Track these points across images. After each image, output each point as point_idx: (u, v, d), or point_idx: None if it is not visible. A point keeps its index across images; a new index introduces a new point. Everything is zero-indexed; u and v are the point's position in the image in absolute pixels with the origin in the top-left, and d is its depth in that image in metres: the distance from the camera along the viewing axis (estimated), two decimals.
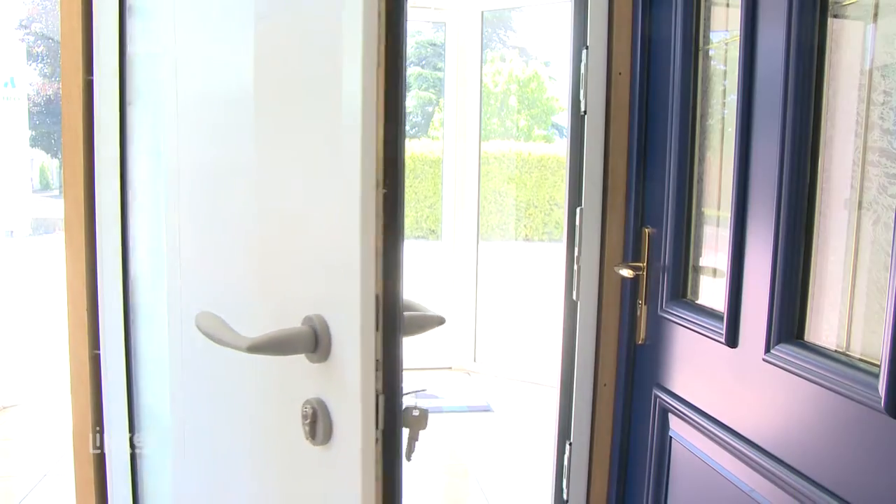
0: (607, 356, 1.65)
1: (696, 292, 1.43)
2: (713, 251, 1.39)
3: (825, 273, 1.07)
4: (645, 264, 1.52)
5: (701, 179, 1.42)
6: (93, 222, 1.57)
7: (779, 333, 1.10)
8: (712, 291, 1.36)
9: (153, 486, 1.72)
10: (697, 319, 1.33)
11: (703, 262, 1.42)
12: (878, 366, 0.88)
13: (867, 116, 1.00)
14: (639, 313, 1.55)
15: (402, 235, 0.79)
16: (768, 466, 1.10)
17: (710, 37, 1.39)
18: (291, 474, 0.97)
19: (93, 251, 1.58)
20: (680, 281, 1.43)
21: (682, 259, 1.43)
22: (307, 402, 0.87)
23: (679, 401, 1.39)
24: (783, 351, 1.08)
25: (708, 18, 1.39)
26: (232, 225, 1.05)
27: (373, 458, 0.79)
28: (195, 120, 1.17)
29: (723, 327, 1.23)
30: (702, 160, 1.41)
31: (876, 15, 1.02)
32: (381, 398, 0.79)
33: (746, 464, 1.16)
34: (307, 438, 0.86)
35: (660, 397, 1.46)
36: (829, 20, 1.05)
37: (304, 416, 0.86)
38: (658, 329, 1.48)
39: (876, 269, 0.98)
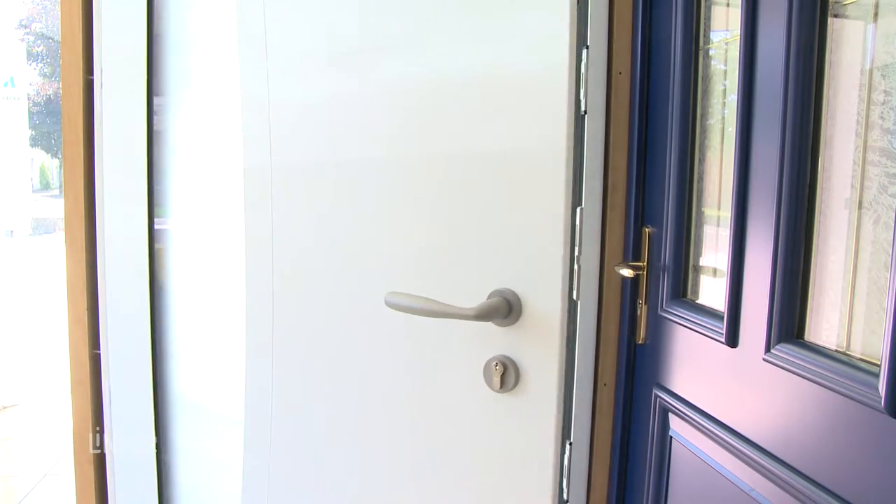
0: (607, 356, 1.65)
1: (696, 292, 1.43)
2: (713, 251, 1.39)
3: (825, 273, 1.07)
4: (645, 264, 1.51)
5: (701, 179, 1.42)
6: (93, 222, 1.57)
7: (779, 333, 1.10)
8: (712, 291, 1.36)
9: (182, 485, 1.72)
10: (698, 319, 1.33)
11: (703, 261, 1.42)
12: (879, 366, 0.88)
13: (867, 116, 1.00)
14: (639, 313, 1.55)
15: None
16: (768, 466, 1.10)
17: (711, 36, 1.39)
18: (476, 419, 1.19)
19: (93, 251, 1.58)
20: (680, 280, 1.43)
21: (682, 259, 1.42)
22: (493, 358, 1.13)
23: (679, 400, 1.39)
24: (783, 351, 1.08)
25: (708, 18, 1.39)
26: (416, 220, 1.26)
27: (563, 398, 1.12)
28: (336, 121, 1.37)
29: (723, 327, 1.23)
30: (702, 160, 1.41)
31: (876, 15, 1.01)
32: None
33: (747, 463, 1.16)
34: (495, 389, 1.13)
35: (660, 397, 1.46)
36: (829, 20, 1.05)
37: (493, 370, 1.12)
38: (658, 329, 1.48)
39: (876, 268, 0.98)
